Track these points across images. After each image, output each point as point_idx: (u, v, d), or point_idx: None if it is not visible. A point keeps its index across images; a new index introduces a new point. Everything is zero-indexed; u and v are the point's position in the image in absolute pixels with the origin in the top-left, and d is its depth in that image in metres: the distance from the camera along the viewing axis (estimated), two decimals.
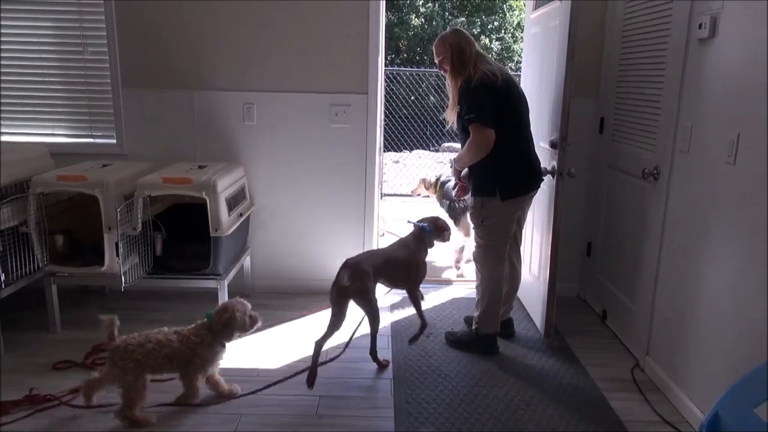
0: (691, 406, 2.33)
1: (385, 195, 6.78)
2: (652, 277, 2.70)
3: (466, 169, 2.82)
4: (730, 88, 2.15)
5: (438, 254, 4.39)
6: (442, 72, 2.80)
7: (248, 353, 2.86)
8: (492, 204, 2.73)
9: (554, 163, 2.84)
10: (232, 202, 3.09)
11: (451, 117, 2.81)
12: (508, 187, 2.71)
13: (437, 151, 9.18)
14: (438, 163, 8.28)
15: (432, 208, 4.78)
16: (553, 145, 2.85)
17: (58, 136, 3.50)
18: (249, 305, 2.44)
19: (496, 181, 2.71)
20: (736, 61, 2.12)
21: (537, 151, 2.87)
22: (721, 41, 2.22)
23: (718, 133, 2.21)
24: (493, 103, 2.59)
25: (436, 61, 2.78)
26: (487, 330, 2.88)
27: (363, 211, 3.55)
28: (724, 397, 1.50)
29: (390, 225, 5.06)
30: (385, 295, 3.60)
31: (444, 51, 2.70)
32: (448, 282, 3.87)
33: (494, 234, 2.79)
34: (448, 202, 3.93)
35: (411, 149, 8.83)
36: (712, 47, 2.27)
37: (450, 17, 12.18)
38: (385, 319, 3.28)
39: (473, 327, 2.94)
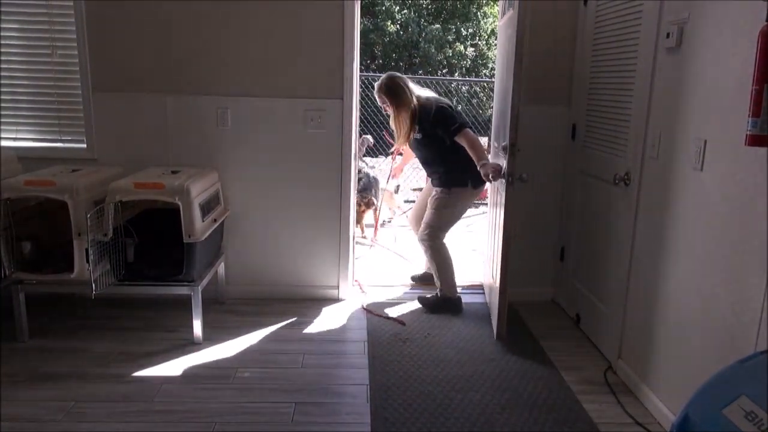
0: (663, 407, 2.37)
1: None
2: (623, 280, 2.74)
3: (491, 162, 3.20)
4: (697, 96, 2.20)
5: (407, 263, 4.40)
6: (386, 112, 3.49)
7: (223, 360, 2.82)
8: (461, 193, 3.39)
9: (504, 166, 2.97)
10: (206, 208, 3.05)
11: (402, 143, 3.54)
12: (476, 178, 3.25)
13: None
14: (414, 168, 8.28)
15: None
16: (504, 149, 2.96)
17: (26, 140, 3.42)
18: None
19: (467, 175, 3.30)
20: (702, 70, 2.17)
21: (496, 155, 3.35)
22: (687, 50, 2.28)
23: (686, 140, 2.26)
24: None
25: (381, 106, 3.49)
26: (451, 295, 3.49)
27: (339, 216, 3.54)
28: (693, 398, 1.52)
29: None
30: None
31: (384, 97, 3.40)
32: (417, 286, 3.87)
33: (449, 219, 3.45)
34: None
35: (387, 155, 8.83)
36: (680, 56, 2.33)
37: (425, 24, 12.25)
38: (361, 325, 3.28)
39: (438, 293, 3.50)
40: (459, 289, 3.64)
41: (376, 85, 3.46)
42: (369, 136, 6.59)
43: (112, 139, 3.39)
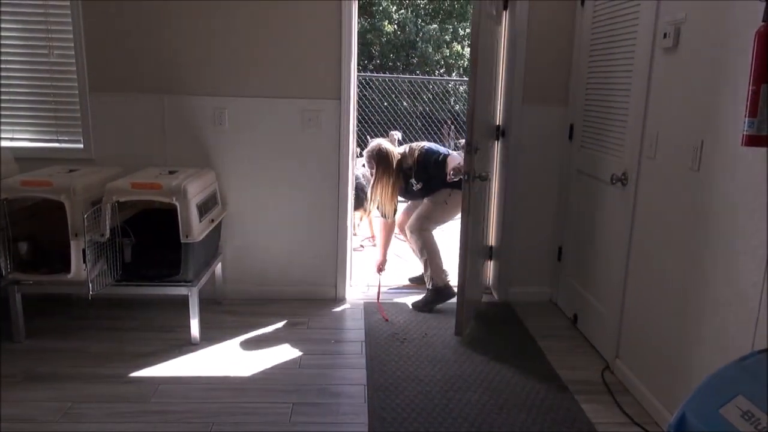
0: (660, 407, 2.37)
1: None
2: (620, 280, 2.75)
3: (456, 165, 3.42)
4: (694, 96, 2.21)
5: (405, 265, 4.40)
6: (371, 173, 3.72)
7: (220, 360, 2.82)
8: (459, 195, 3.40)
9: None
10: (203, 208, 3.05)
11: (392, 204, 3.69)
12: None
13: None
14: None
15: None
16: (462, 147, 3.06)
17: (23, 140, 3.41)
18: None
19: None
20: (699, 71, 2.18)
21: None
22: (684, 51, 2.29)
23: (683, 140, 2.27)
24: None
25: (369, 170, 3.76)
26: (441, 282, 3.57)
27: (336, 217, 3.54)
28: (690, 398, 1.52)
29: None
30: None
31: (372, 162, 3.66)
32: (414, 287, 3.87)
33: (443, 216, 3.65)
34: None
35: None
36: (676, 56, 2.33)
37: (422, 23, 12.25)
38: (359, 325, 3.28)
39: (429, 285, 3.58)
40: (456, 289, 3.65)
41: (365, 152, 3.74)
42: (398, 132, 6.48)
43: (109, 139, 3.38)
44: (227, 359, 2.84)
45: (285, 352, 2.93)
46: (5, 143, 3.36)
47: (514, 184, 3.55)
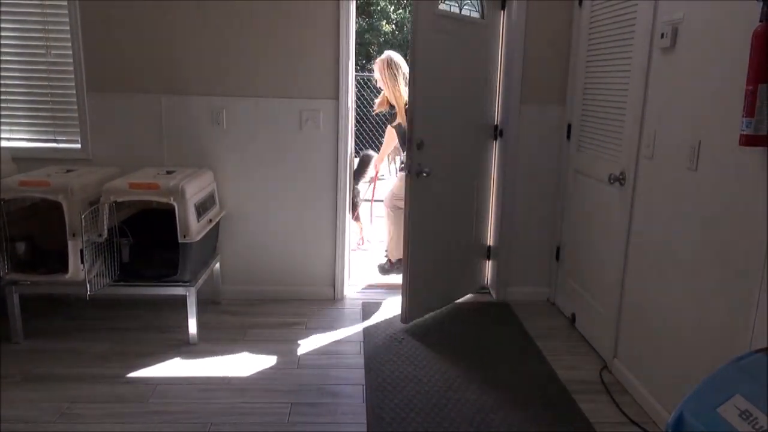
0: (658, 406, 2.38)
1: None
2: (618, 280, 2.75)
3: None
4: (691, 96, 2.21)
5: None
6: (377, 84, 3.98)
7: (218, 360, 2.82)
8: None
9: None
10: (201, 208, 3.05)
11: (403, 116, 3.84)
12: None
13: None
14: None
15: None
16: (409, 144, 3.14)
17: (20, 140, 3.41)
18: None
19: None
20: (696, 71, 2.18)
21: None
22: (682, 50, 2.29)
23: (681, 140, 2.27)
24: None
25: (378, 77, 3.94)
26: (394, 258, 3.91)
27: (335, 216, 3.54)
28: (688, 397, 1.53)
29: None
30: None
31: (386, 71, 3.86)
32: None
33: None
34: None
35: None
36: (674, 56, 2.34)
37: None
38: (357, 325, 3.28)
39: (387, 257, 4.03)
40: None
41: (379, 59, 3.92)
42: None
43: (107, 139, 3.38)
44: (225, 359, 2.84)
45: (283, 352, 2.93)
46: (3, 143, 3.36)
47: (512, 183, 3.55)
